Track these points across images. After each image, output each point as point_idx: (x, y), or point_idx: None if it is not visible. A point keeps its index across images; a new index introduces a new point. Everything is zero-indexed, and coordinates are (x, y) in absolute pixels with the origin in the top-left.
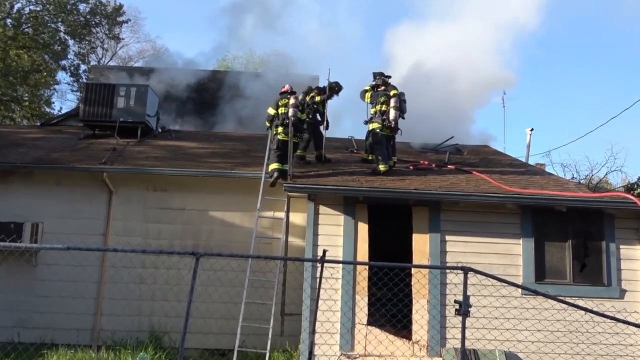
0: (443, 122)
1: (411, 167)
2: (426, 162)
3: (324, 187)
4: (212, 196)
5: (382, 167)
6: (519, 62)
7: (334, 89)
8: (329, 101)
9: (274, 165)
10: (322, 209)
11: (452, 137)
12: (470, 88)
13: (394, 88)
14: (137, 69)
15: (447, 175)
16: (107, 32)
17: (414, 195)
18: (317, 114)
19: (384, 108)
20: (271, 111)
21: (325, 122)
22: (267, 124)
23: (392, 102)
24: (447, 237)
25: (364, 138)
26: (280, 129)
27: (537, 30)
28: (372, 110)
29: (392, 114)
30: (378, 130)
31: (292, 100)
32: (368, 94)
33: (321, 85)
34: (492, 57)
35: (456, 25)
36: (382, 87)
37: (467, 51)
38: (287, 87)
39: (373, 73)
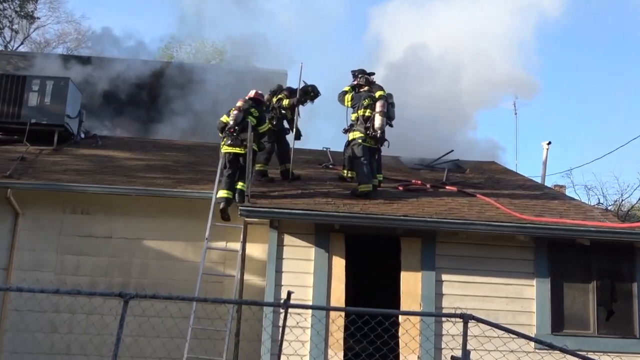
0: (441, 132)
1: (400, 188)
2: (419, 182)
3: (290, 211)
4: (148, 221)
5: (364, 188)
6: (536, 60)
7: (310, 93)
8: (301, 106)
9: (221, 193)
10: (288, 239)
11: (452, 150)
12: (475, 88)
13: (380, 88)
14: (57, 56)
15: (444, 198)
16: (18, 8)
17: (404, 223)
18: (284, 120)
19: (367, 113)
20: (224, 119)
21: (295, 131)
22: (220, 134)
23: (378, 106)
24: (444, 277)
25: (342, 150)
26: (224, 141)
27: (558, 20)
28: (353, 117)
29: (377, 120)
30: (360, 141)
31: (238, 103)
32: (348, 96)
33: (300, 85)
34: (503, 50)
35: (464, 9)
36: (365, 88)
37: (473, 41)
38: (252, 93)
39: (352, 71)
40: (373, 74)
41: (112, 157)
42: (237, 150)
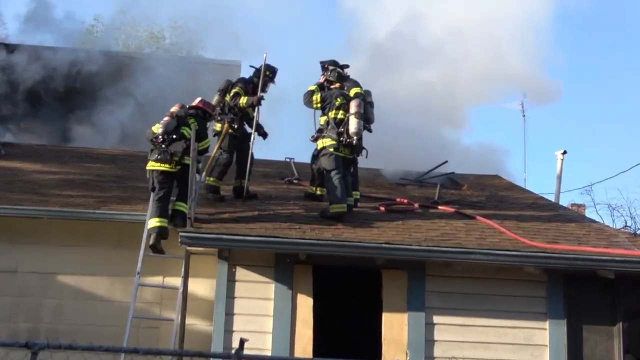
0: (432, 139)
1: (382, 208)
2: (405, 201)
3: (244, 237)
4: (64, 251)
5: (336, 208)
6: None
7: (267, 76)
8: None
9: (152, 222)
10: (241, 273)
11: (446, 162)
12: (476, 83)
13: (356, 85)
14: None
15: (436, 221)
16: None
17: (386, 252)
18: (245, 123)
19: (340, 116)
20: (154, 128)
21: (255, 128)
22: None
23: (353, 106)
24: (436, 319)
25: (310, 162)
26: (150, 155)
27: (580, 10)
28: (323, 120)
29: (352, 124)
30: (332, 149)
31: (173, 108)
32: (316, 97)
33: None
34: (516, 40)
35: None
36: (337, 85)
37: (479, 24)
38: (197, 100)
39: (321, 62)
40: (347, 66)
41: (18, 170)
42: (166, 167)
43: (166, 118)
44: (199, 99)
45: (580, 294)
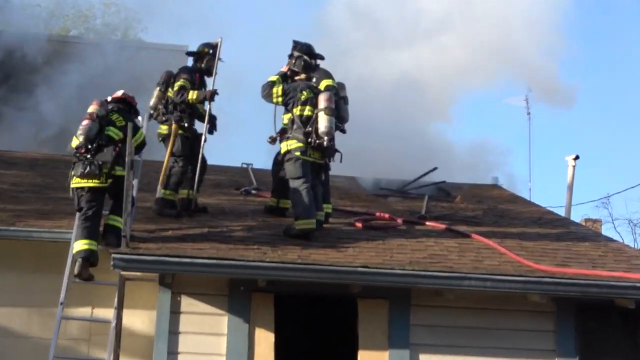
0: (418, 141)
1: (358, 225)
2: (386, 215)
3: (191, 260)
4: None
5: (303, 224)
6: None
7: (207, 54)
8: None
9: (79, 245)
10: (188, 303)
11: (435, 168)
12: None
13: (327, 76)
14: None
15: (423, 239)
16: None
17: (362, 277)
18: (193, 118)
19: (307, 112)
20: (74, 142)
21: (211, 127)
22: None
23: (322, 100)
24: (422, 357)
25: (271, 168)
26: (73, 171)
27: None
28: (286, 118)
29: (322, 122)
30: (298, 153)
31: (91, 107)
32: (277, 89)
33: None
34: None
35: None
36: (302, 76)
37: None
38: (120, 93)
39: (294, 43)
40: (321, 57)
41: None
42: (94, 183)
43: (85, 122)
44: (121, 91)
45: (594, 327)
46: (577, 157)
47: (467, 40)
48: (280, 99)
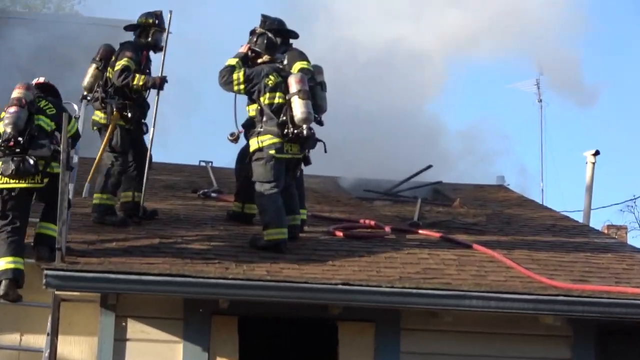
0: (408, 134)
1: (339, 233)
2: (372, 223)
3: (139, 277)
4: None
5: (273, 234)
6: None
7: (152, 24)
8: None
9: (3, 263)
10: (135, 328)
11: (430, 166)
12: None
13: (301, 57)
14: None
15: (416, 251)
16: None
17: (343, 296)
18: (142, 108)
19: (277, 100)
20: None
21: (153, 119)
22: None
23: (294, 83)
24: None
25: (235, 166)
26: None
27: None
28: (252, 109)
29: (299, 107)
30: (273, 152)
31: (16, 92)
32: (238, 75)
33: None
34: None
35: None
36: (265, 58)
37: None
38: (41, 79)
39: (262, 17)
40: (294, 35)
41: None
42: (27, 183)
43: (13, 109)
44: (42, 77)
45: (618, 353)
46: (597, 153)
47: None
48: (242, 87)
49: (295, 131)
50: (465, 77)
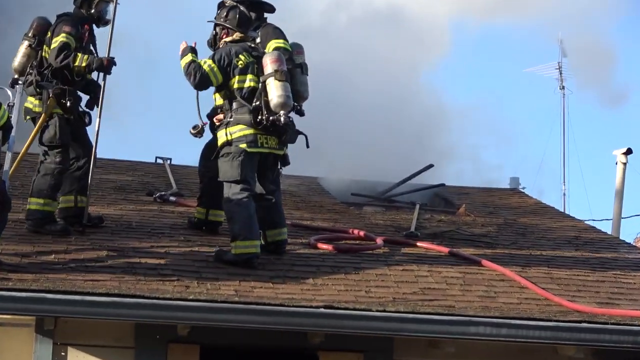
0: (404, 126)
1: (322, 246)
2: (361, 233)
3: (82, 298)
4: None
5: (242, 247)
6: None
7: (90, 8)
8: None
9: None
10: (77, 357)
11: (431, 165)
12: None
13: (277, 35)
14: None
15: (413, 267)
16: None
17: (326, 322)
18: (76, 95)
19: (249, 84)
20: None
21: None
22: None
23: (270, 63)
24: None
25: (198, 164)
26: None
27: None
28: (219, 97)
29: (275, 91)
30: (244, 146)
31: None
32: (208, 65)
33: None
34: None
35: None
36: (236, 36)
37: None
38: None
39: None
40: (270, 8)
41: None
42: None
43: None
44: None
45: None
46: (629, 151)
47: None
48: (220, 77)
49: (271, 117)
50: (472, 48)
